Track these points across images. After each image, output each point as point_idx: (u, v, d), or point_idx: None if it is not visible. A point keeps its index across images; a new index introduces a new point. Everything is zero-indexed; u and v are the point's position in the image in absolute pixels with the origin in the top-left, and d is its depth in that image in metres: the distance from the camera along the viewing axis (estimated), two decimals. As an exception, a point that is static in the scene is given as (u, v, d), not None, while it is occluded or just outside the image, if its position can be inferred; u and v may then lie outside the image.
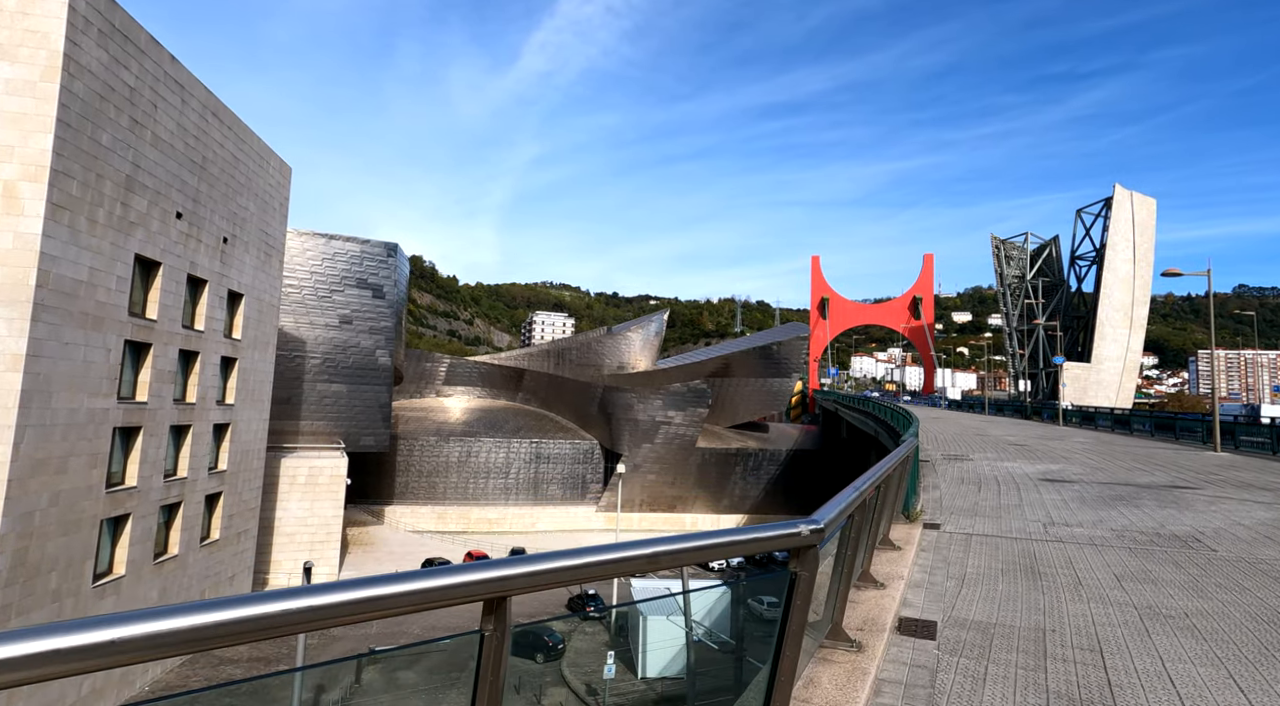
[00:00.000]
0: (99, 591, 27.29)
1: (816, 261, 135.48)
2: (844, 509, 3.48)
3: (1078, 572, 7.32)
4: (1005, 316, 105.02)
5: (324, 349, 56.44)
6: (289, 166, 43.78)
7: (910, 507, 9.39)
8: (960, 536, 8.82)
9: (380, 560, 56.25)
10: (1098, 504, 12.14)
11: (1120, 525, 10.19)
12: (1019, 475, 16.38)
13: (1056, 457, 21.32)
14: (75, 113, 24.59)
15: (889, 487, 7.28)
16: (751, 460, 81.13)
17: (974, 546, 8.34)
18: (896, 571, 6.32)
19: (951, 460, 19.43)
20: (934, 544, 8.24)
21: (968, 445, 26.81)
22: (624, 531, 73.90)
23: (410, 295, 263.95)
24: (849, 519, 4.34)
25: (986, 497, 12.48)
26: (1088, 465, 19.38)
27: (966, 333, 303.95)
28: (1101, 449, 25.46)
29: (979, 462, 19.15)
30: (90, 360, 26.05)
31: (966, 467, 17.68)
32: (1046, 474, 16.62)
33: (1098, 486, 14.59)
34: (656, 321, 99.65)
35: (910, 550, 7.33)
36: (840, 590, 4.38)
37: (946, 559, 7.64)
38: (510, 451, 78.02)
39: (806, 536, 2.88)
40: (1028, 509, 11.39)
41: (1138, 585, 6.83)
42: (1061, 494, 13.27)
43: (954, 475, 15.96)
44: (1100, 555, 8.15)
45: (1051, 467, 18.17)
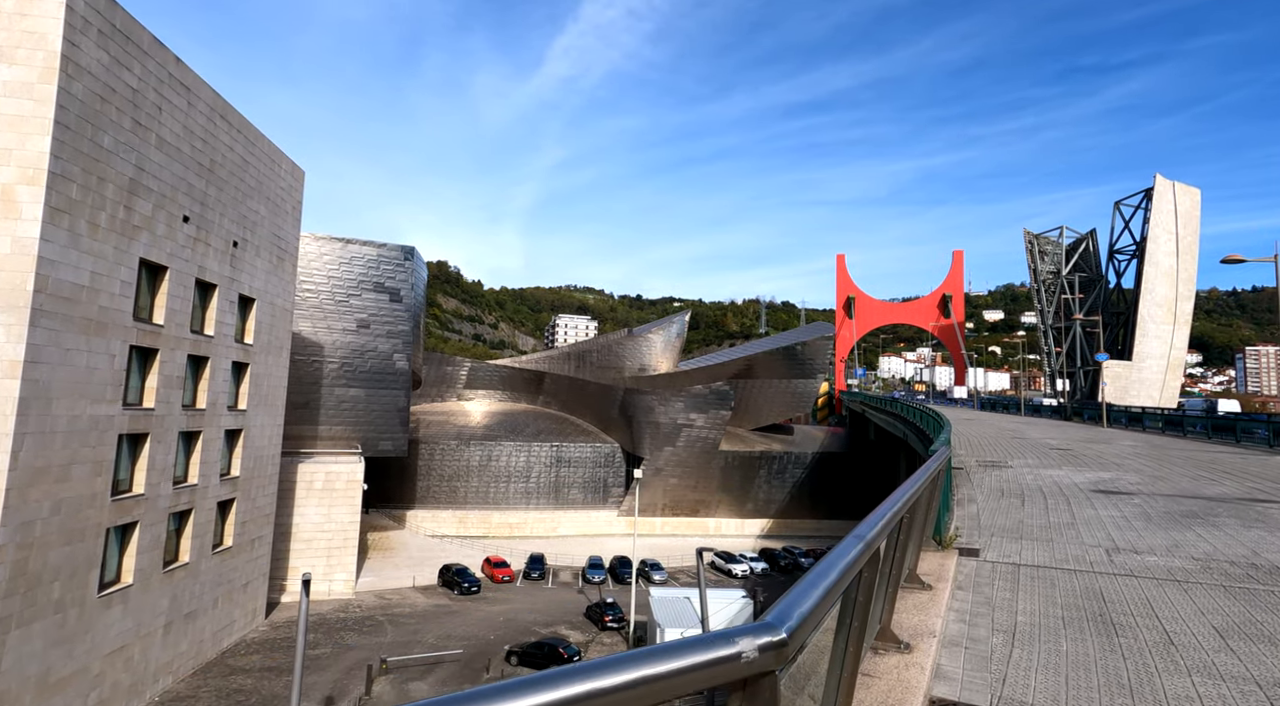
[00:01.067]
0: (105, 601, 26.85)
1: (842, 260, 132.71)
2: (825, 592, 2.17)
3: (1164, 624, 5.81)
4: (1040, 313, 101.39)
5: (342, 353, 56.19)
6: (301, 169, 43.45)
7: (942, 530, 7.98)
8: (1005, 568, 7.38)
9: (399, 565, 55.77)
10: (1167, 523, 10.49)
11: (1202, 552, 8.56)
12: (1067, 485, 14.64)
13: (1106, 464, 19.38)
14: (74, 114, 24.18)
15: (916, 513, 5.93)
16: (776, 463, 79.21)
17: (1024, 582, 6.91)
18: (926, 624, 4.96)
19: (988, 467, 17.74)
20: (973, 578, 6.83)
21: (1005, 449, 24.96)
22: (642, 535, 72.56)
23: (435, 300, 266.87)
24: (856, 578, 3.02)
25: (1032, 514, 10.91)
26: (1144, 473, 17.49)
27: (998, 331, 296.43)
28: (1155, 453, 23.37)
29: (1019, 470, 17.40)
30: (93, 366, 25.62)
31: (1006, 476, 16.00)
32: (1098, 484, 14.84)
33: (1162, 500, 12.83)
34: (678, 323, 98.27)
35: (944, 590, 5.95)
36: (845, 675, 3.06)
37: (990, 601, 6.23)
38: (531, 455, 77.28)
39: (755, 661, 1.60)
40: (1084, 529, 9.80)
41: (1252, 646, 5.31)
42: (1121, 509, 11.62)
43: (992, 485, 14.35)
44: (1188, 596, 6.60)
45: (1103, 476, 16.32)
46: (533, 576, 54.51)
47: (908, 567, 6.13)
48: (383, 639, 39.18)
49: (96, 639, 26.45)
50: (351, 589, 48.23)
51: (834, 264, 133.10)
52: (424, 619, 43.23)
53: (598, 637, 41.03)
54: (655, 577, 55.53)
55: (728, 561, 60.08)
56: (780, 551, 64.26)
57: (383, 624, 41.88)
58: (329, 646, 37.76)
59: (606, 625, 42.21)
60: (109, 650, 27.19)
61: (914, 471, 6.46)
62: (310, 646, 37.63)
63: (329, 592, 47.32)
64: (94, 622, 26.31)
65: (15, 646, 22.71)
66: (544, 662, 35.10)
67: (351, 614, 43.65)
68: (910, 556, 5.83)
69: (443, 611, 45.15)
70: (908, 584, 5.82)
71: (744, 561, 60.04)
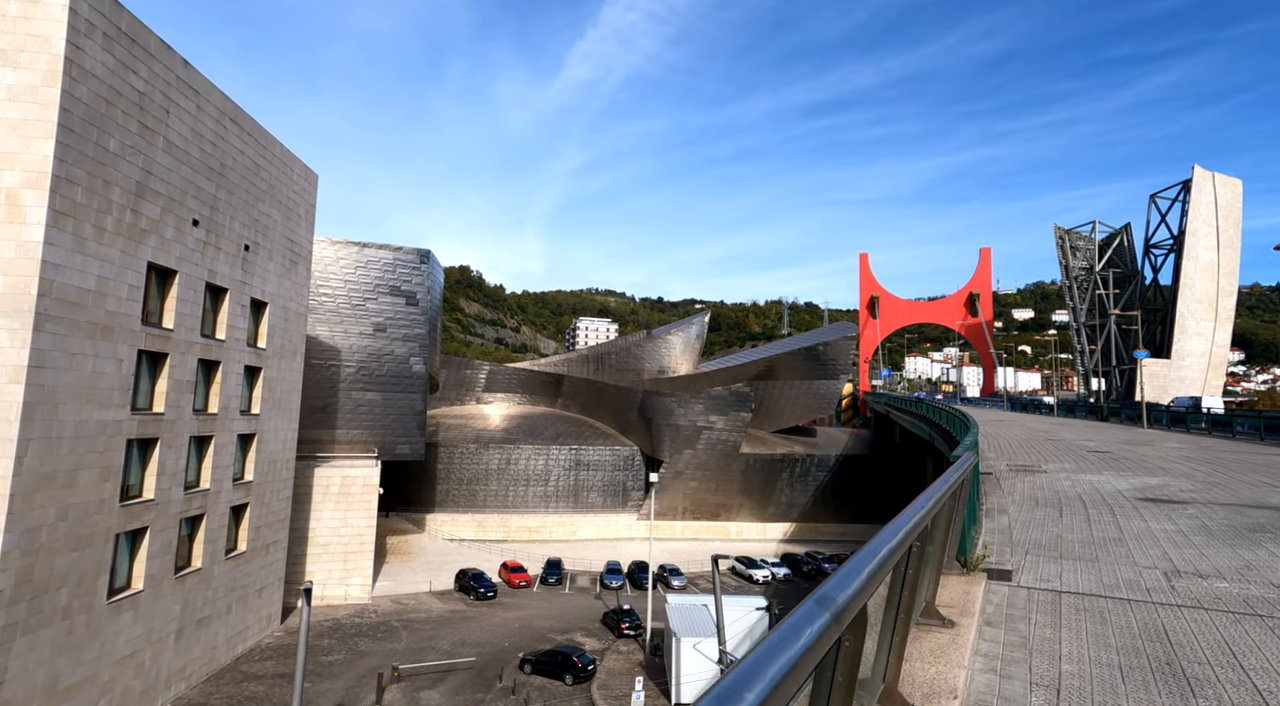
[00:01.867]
0: (114, 607, 26.66)
1: (865, 259, 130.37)
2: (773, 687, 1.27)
3: (1253, 678, 4.63)
4: (1072, 311, 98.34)
5: (358, 357, 56.15)
6: (315, 173, 43.36)
7: (967, 547, 6.92)
8: (1044, 596, 6.30)
9: (416, 570, 55.49)
10: (1233, 538, 9.17)
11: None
12: (1109, 492, 13.30)
13: (1151, 468, 17.82)
14: (79, 118, 24.03)
15: (935, 533, 4.95)
16: (798, 466, 77.63)
17: (1067, 615, 5.83)
18: (945, 678, 3.98)
19: (1020, 472, 16.44)
20: (1005, 611, 5.78)
21: (1038, 452, 23.49)
22: (661, 539, 71.49)
23: (458, 304, 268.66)
24: (831, 654, 2.10)
25: (1073, 527, 9.72)
26: (1196, 478, 15.95)
27: (1029, 330, 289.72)
28: (1204, 456, 21.68)
29: (1055, 475, 16.04)
30: (100, 370, 25.45)
31: (1040, 482, 14.71)
32: (1145, 490, 13.45)
33: (1222, 510, 11.42)
34: (697, 324, 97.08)
35: (969, 627, 4.95)
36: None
37: (1026, 642, 5.17)
38: (550, 458, 76.76)
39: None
40: (1134, 545, 8.58)
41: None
42: (1175, 520, 10.34)
43: (1025, 492, 13.13)
44: (1276, 637, 5.42)
45: (1149, 482, 14.87)
46: (550, 581, 53.81)
47: (924, 597, 5.14)
48: (397, 645, 38.73)
49: (106, 645, 26.26)
50: (368, 594, 47.97)
51: (857, 264, 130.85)
52: (439, 624, 42.73)
53: (614, 645, 40.13)
54: (674, 583, 54.48)
55: (749, 567, 58.75)
56: (803, 556, 62.75)
57: (398, 629, 41.45)
58: (343, 652, 37.40)
59: (623, 632, 41.29)
60: (119, 656, 27.00)
61: (941, 475, 5.47)
62: (324, 652, 37.35)
63: (345, 597, 47.11)
64: (103, 629, 26.12)
65: (22, 654, 22.51)
66: (558, 671, 34.32)
67: (367, 619, 43.33)
68: (926, 586, 4.85)
69: (458, 617, 44.63)
70: (924, 621, 4.84)
71: (765, 567, 58.67)
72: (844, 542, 74.13)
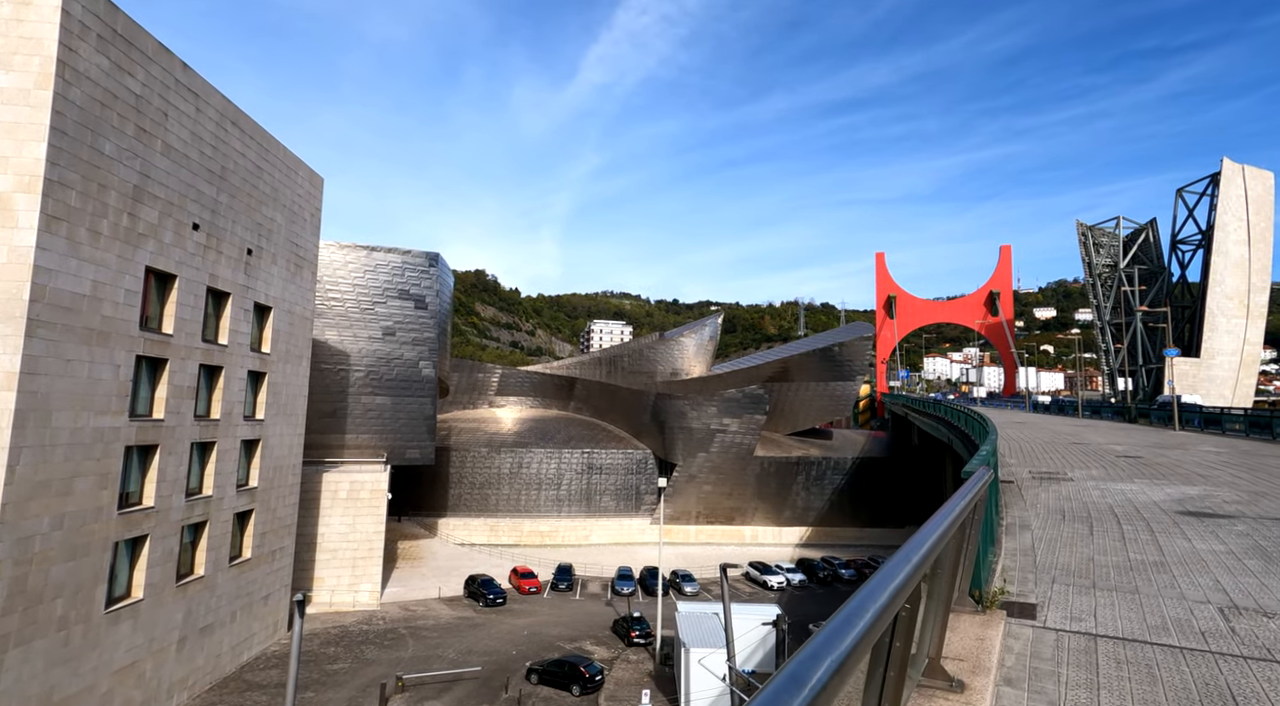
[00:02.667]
0: (113, 617, 26.28)
1: (881, 258, 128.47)
2: None
3: None
4: (1096, 309, 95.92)
5: (367, 362, 55.89)
6: (320, 176, 43.05)
7: (982, 578, 5.90)
8: (1077, 641, 5.29)
9: (426, 575, 55.02)
10: (1300, 560, 7.92)
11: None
12: (1144, 504, 12.11)
13: (1189, 475, 16.43)
14: (72, 120, 23.71)
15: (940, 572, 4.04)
16: (814, 469, 76.25)
17: (1106, 670, 4.79)
18: (957, 773, 3.08)
19: (1043, 480, 15.26)
20: (1028, 663, 4.80)
21: (1062, 458, 22.20)
22: (675, 544, 70.46)
23: (474, 308, 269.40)
24: None
25: (1106, 547, 8.65)
26: (1240, 488, 14.48)
27: (1051, 329, 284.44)
28: (1247, 461, 20.25)
29: (1082, 484, 14.82)
30: (96, 377, 25.11)
31: (1066, 492, 13.55)
32: (1185, 502, 12.24)
33: (1277, 526, 10.12)
34: (710, 325, 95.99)
35: (983, 690, 4.01)
36: None
37: (1056, 710, 4.18)
38: (562, 462, 76.09)
39: None
40: (1179, 571, 7.45)
41: None
42: (1223, 539, 9.17)
43: (1049, 504, 12.03)
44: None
45: (1188, 492, 13.60)
46: (560, 587, 53.05)
47: (928, 649, 4.21)
48: (403, 653, 38.15)
49: (105, 656, 25.88)
50: (377, 600, 47.54)
51: (874, 264, 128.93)
52: (447, 632, 42.12)
53: (624, 654, 39.24)
54: (686, 589, 53.46)
55: (763, 573, 57.53)
56: (819, 562, 61.37)
57: (404, 637, 40.90)
58: (348, 661, 36.89)
59: (633, 640, 40.39)
60: (118, 667, 26.62)
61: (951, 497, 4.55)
62: (329, 660, 36.87)
63: (353, 603, 46.71)
64: (101, 639, 25.74)
65: (15, 666, 22.14)
66: (565, 682, 33.50)
67: (374, 626, 42.84)
68: (929, 638, 3.94)
69: (466, 624, 44.00)
70: (926, 682, 3.93)
71: (780, 573, 57.40)
72: (861, 547, 72.59)
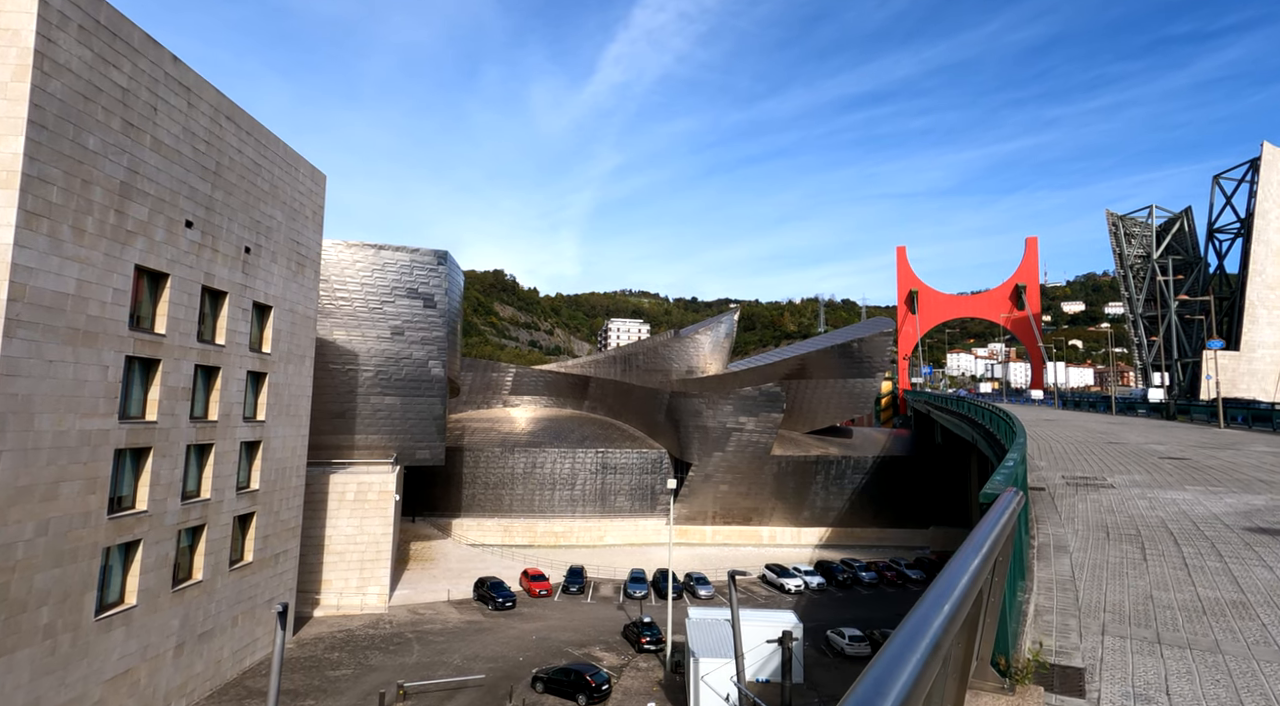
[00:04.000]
0: (104, 624, 25.63)
1: (902, 252, 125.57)
2: None
3: None
4: (1128, 302, 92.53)
5: (376, 361, 55.28)
6: (323, 173, 42.35)
7: (1009, 641, 4.27)
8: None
9: (436, 578, 54.27)
10: None
11: None
12: (1203, 518, 10.38)
13: (1248, 481, 14.52)
14: (52, 114, 23.01)
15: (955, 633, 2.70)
16: (834, 468, 74.32)
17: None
18: None
19: (1079, 487, 13.52)
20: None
21: (1100, 459, 20.30)
22: (691, 545, 69.04)
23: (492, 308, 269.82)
24: None
25: (1165, 578, 7.05)
26: None
27: (1079, 324, 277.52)
28: (1310, 462, 18.01)
29: (1126, 491, 13.00)
30: (82, 378, 24.43)
31: (1107, 502, 11.81)
32: (1251, 515, 10.46)
33: None
34: (726, 322, 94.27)
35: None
36: None
37: None
38: (576, 462, 75.08)
39: None
40: (1269, 615, 5.82)
41: None
42: (1318, 566, 7.36)
43: (1089, 517, 10.39)
44: None
45: (1253, 502, 11.63)
46: (571, 590, 51.95)
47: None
48: (408, 659, 37.29)
49: (95, 664, 25.24)
50: (385, 603, 46.83)
51: (895, 258, 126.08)
52: (454, 637, 41.22)
53: (633, 661, 37.99)
54: (701, 593, 52.04)
55: (780, 575, 55.87)
56: (838, 564, 59.51)
57: (410, 642, 40.07)
58: (351, 666, 36.11)
59: (643, 646, 39.13)
60: (110, 675, 25.99)
61: (971, 539, 3.21)
62: (332, 666, 36.12)
63: (361, 607, 46.05)
64: (91, 647, 25.10)
65: (-3, 675, 21.50)
66: (570, 691, 32.33)
67: (381, 630, 42.09)
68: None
69: (474, 628, 43.07)
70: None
71: (798, 575, 55.70)
72: (883, 548, 70.55)
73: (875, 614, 47.90)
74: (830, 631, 41.54)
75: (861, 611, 48.81)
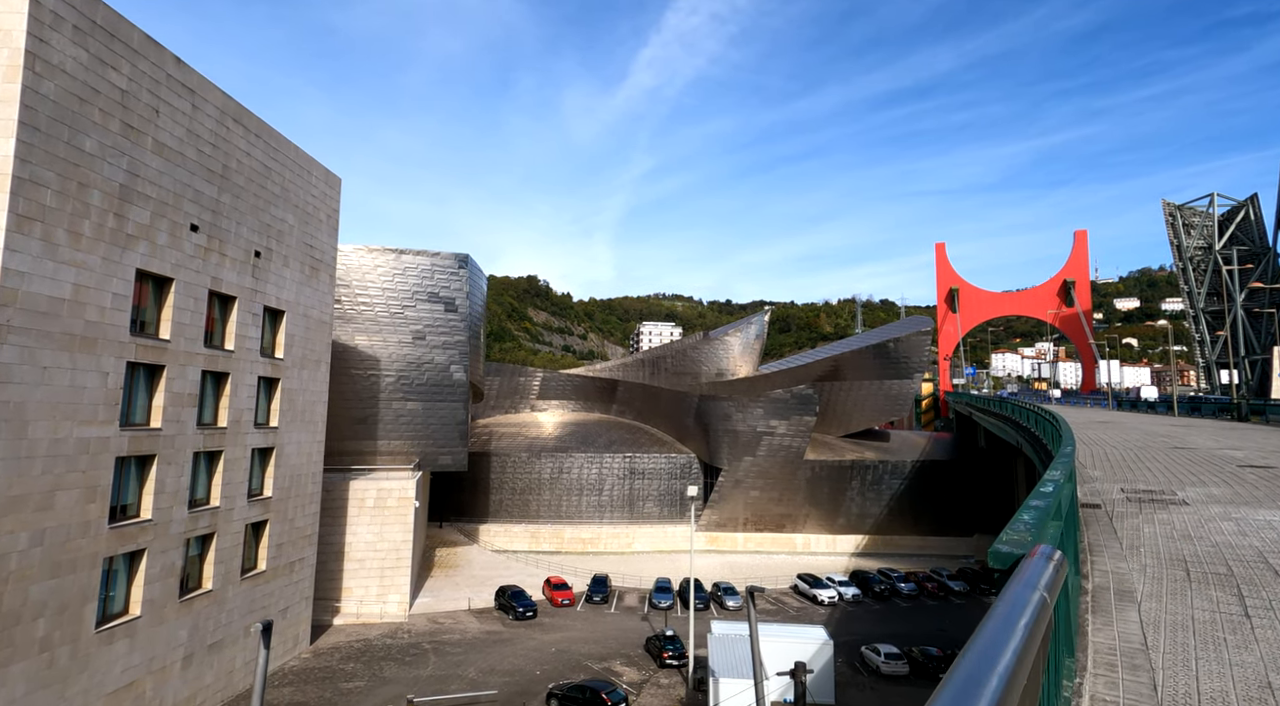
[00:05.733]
0: (105, 636, 25.12)
1: (941, 249, 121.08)
2: None
3: None
4: (1188, 296, 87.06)
5: (398, 366, 54.86)
6: (337, 177, 41.93)
7: None
8: None
9: (459, 585, 53.43)
10: None
11: None
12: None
13: None
14: (45, 116, 22.60)
15: None
16: (870, 473, 71.34)
17: None
18: None
19: (1143, 503, 11.33)
20: None
21: (1165, 468, 17.74)
22: (722, 552, 66.93)
23: (526, 313, 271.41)
24: None
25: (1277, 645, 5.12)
26: None
27: (1134, 321, 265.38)
28: None
29: (1203, 510, 10.72)
30: (80, 384, 23.97)
31: (1181, 524, 9.64)
32: None
33: None
34: (757, 323, 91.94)
35: None
36: None
37: None
38: (603, 466, 73.70)
39: None
40: None
41: None
42: None
43: (1159, 548, 8.27)
44: None
45: None
46: (595, 599, 50.47)
47: None
48: (422, 671, 36.29)
49: (96, 677, 24.73)
50: (405, 611, 46.08)
51: (934, 255, 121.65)
52: (471, 648, 40.12)
53: (654, 676, 36.28)
54: (729, 604, 49.98)
55: (813, 586, 53.41)
56: (875, 574, 56.66)
57: (427, 653, 39.11)
58: (365, 678, 35.25)
59: (665, 661, 37.38)
60: (112, 688, 25.47)
61: (985, 627, 1.65)
62: (345, 678, 35.32)
63: (381, 615, 45.38)
64: (92, 660, 24.59)
65: (-10, 689, 21.02)
66: (585, 710, 30.77)
67: (399, 640, 41.26)
68: None
69: (493, 639, 41.93)
70: None
71: (831, 586, 53.17)
72: (924, 557, 67.28)
73: (914, 629, 45.15)
74: (865, 647, 39.13)
75: (899, 626, 46.10)
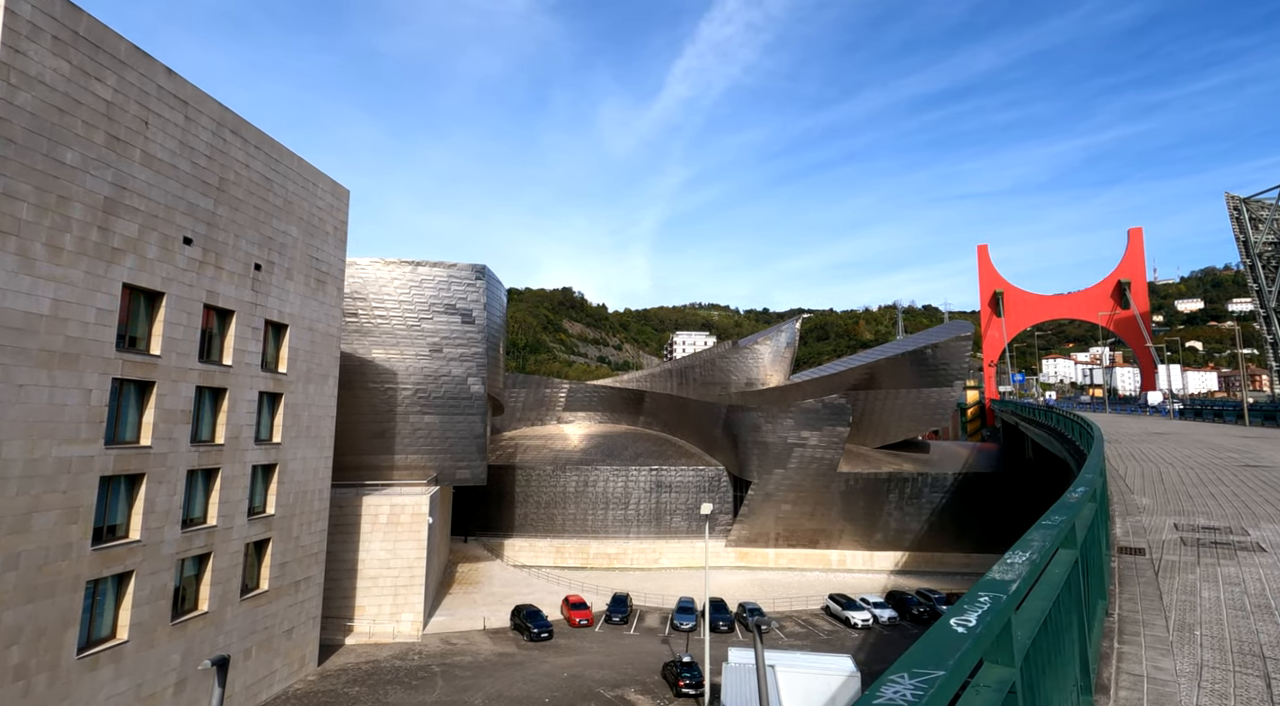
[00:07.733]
0: (88, 662, 24.33)
1: (984, 251, 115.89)
2: None
3: None
4: (1257, 294, 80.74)
5: (415, 379, 54.18)
6: (345, 188, 41.41)
7: None
8: None
9: (477, 603, 52.10)
10: None
11: None
12: None
13: None
14: (21, 127, 22.14)
15: None
16: (909, 486, 67.69)
17: None
18: None
19: (1203, 546, 8.87)
20: None
21: (1234, 495, 14.84)
22: (752, 569, 64.12)
23: (561, 325, 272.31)
24: None
25: None
26: None
27: (1197, 323, 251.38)
28: None
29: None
30: (59, 402, 23.35)
31: (1256, 584, 7.09)
32: None
33: None
34: (788, 331, 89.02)
35: None
36: None
37: None
38: (629, 480, 71.85)
39: None
40: None
41: None
42: None
43: (1224, 627, 5.86)
44: None
45: None
46: (614, 619, 48.45)
47: None
48: (427, 697, 34.87)
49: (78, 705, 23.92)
50: (418, 631, 44.88)
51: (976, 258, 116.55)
52: (481, 671, 38.58)
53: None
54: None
55: (845, 607, 50.30)
56: (913, 595, 53.15)
57: (435, 677, 37.71)
58: (368, 704, 33.98)
59: (681, 690, 35.14)
60: (97, 715, 24.63)
61: None
62: (348, 703, 34.12)
63: (393, 634, 44.26)
64: (74, 687, 23.80)
65: (-41, 720, 20.28)
66: (591, 745, 28.77)
67: (408, 662, 40.00)
68: None
69: (505, 662, 40.32)
70: None
71: (866, 608, 49.98)
72: (968, 575, 63.25)
73: (955, 657, 41.77)
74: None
75: (939, 653, 42.74)
